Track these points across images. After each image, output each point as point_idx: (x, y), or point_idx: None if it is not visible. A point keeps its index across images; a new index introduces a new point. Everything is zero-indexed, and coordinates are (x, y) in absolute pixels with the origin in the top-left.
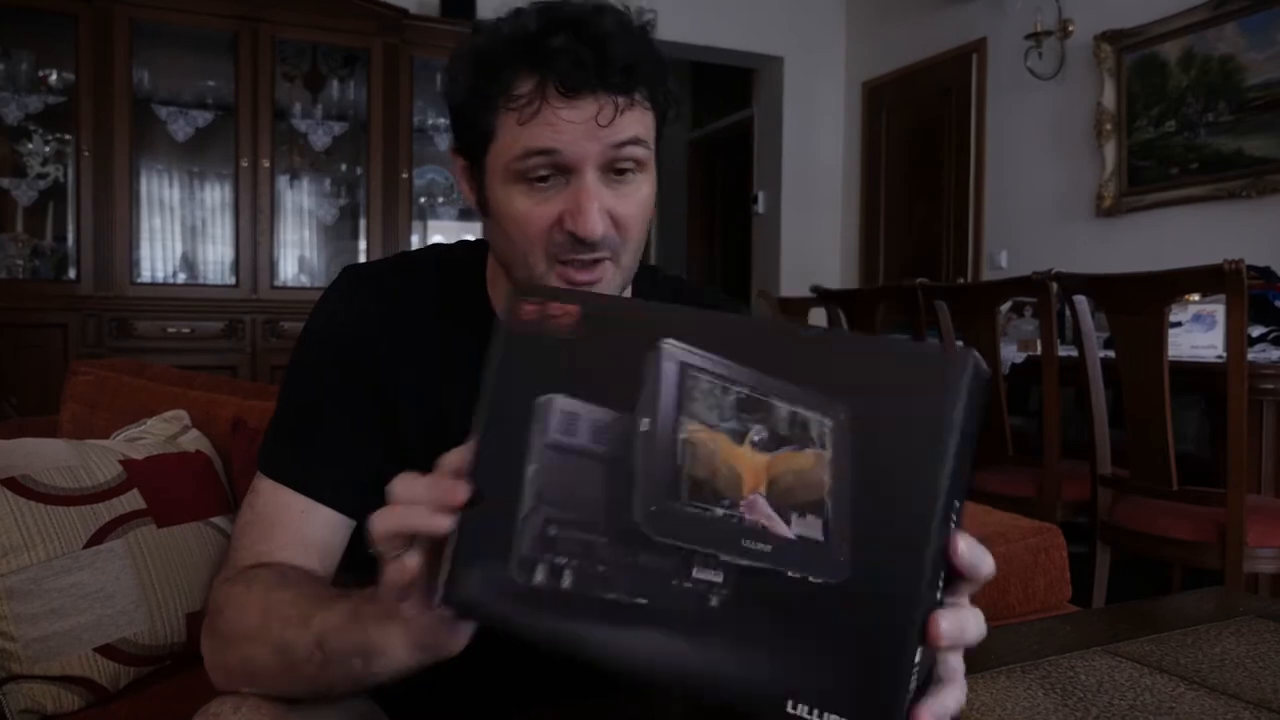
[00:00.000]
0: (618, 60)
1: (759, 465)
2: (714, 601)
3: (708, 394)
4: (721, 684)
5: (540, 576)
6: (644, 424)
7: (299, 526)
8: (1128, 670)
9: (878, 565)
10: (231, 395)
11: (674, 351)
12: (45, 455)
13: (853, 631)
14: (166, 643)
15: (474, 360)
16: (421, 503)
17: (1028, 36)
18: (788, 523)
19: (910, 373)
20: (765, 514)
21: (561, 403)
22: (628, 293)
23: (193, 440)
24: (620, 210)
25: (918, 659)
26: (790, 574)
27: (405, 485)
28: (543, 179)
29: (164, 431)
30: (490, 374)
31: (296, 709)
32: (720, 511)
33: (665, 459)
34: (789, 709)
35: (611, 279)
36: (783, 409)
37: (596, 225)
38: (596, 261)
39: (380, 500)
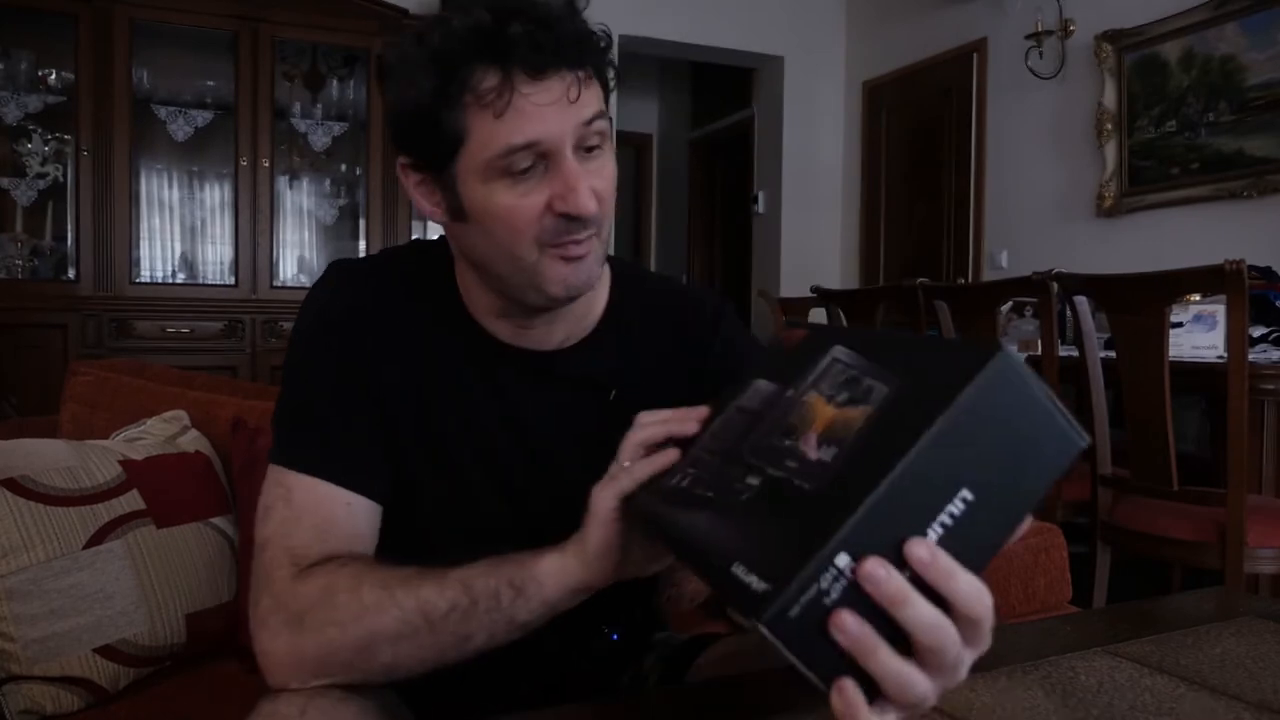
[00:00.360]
0: (570, 37)
1: (828, 415)
2: (745, 496)
3: (835, 376)
4: (711, 552)
5: (674, 480)
6: (789, 393)
7: (347, 520)
8: (1128, 670)
9: (842, 489)
10: (231, 395)
11: (831, 350)
12: (45, 456)
13: (798, 525)
14: (166, 643)
15: (450, 359)
16: (672, 420)
17: (1028, 36)
18: (818, 450)
19: (950, 361)
20: (809, 444)
21: (756, 382)
22: (605, 270)
23: (192, 440)
24: (597, 186)
25: (831, 569)
26: (795, 482)
27: (653, 414)
28: (524, 170)
29: (164, 432)
30: (747, 368)
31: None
32: (787, 442)
33: (783, 412)
34: (732, 569)
35: (598, 252)
36: (865, 381)
37: (590, 202)
38: (588, 238)
39: (393, 486)
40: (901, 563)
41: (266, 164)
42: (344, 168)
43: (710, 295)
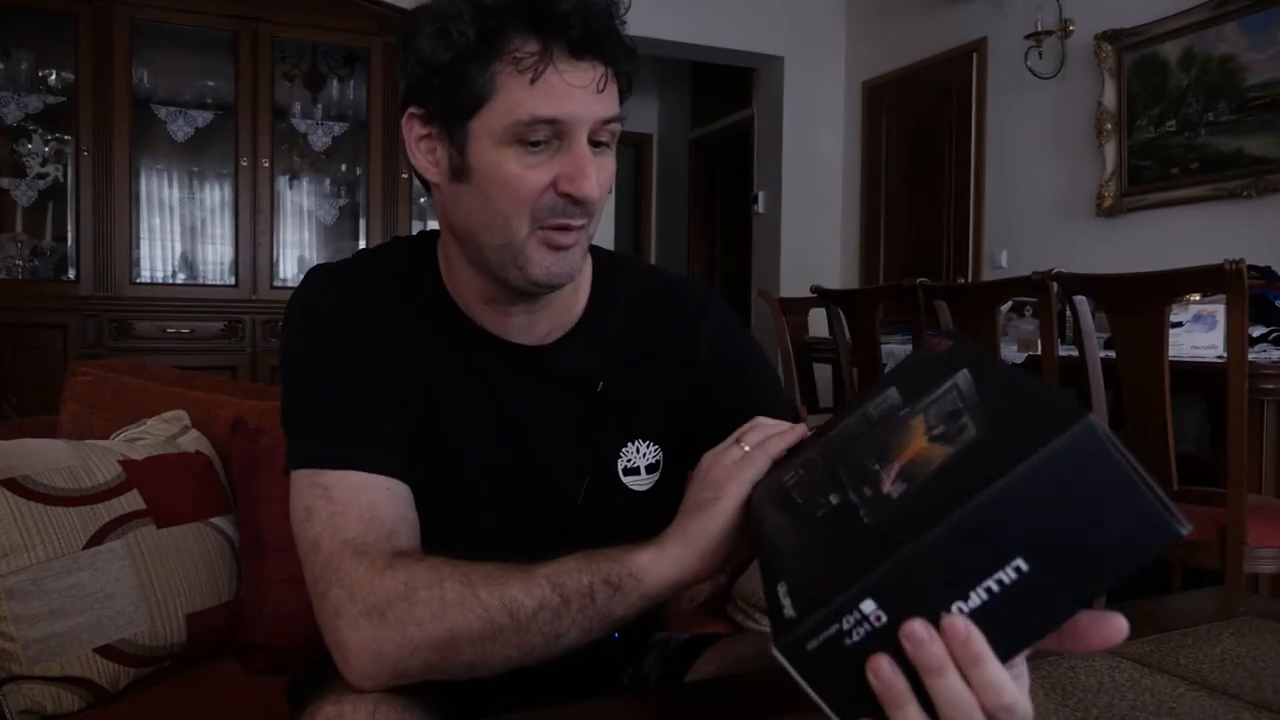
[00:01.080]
0: (611, 31)
1: (918, 446)
2: (821, 513)
3: (944, 405)
4: (771, 562)
5: (784, 476)
6: (904, 410)
7: (392, 504)
8: (1128, 670)
9: (891, 530)
10: (231, 396)
11: (957, 374)
12: (45, 456)
13: (843, 558)
14: (166, 643)
15: (437, 347)
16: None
17: (1028, 36)
18: (893, 482)
19: (1037, 416)
20: (889, 474)
21: (889, 389)
22: (578, 278)
23: (192, 441)
24: (599, 179)
25: (855, 612)
26: (861, 512)
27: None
28: (537, 143)
29: (164, 432)
30: (888, 373)
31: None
32: (875, 466)
33: (889, 431)
34: (776, 587)
35: (583, 245)
36: (963, 418)
37: (595, 188)
38: (580, 227)
39: (413, 466)
40: (937, 620)
41: (266, 164)
42: (344, 168)
43: (697, 284)
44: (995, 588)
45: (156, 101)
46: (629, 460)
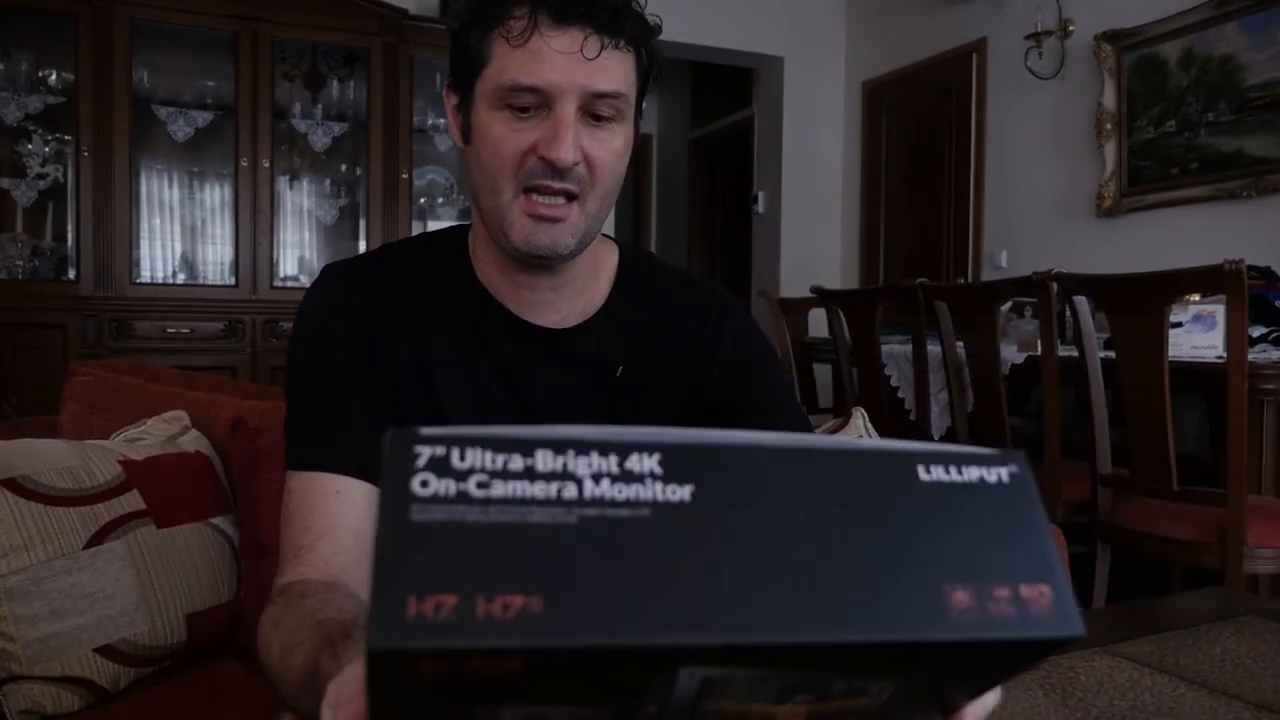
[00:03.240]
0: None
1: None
2: None
3: None
4: None
5: None
6: None
7: (335, 510)
8: (1128, 670)
9: None
10: (231, 396)
11: None
12: (45, 456)
13: None
14: (166, 643)
15: (464, 336)
16: None
17: (1028, 36)
18: None
19: None
20: None
21: None
22: (599, 265)
23: (192, 441)
24: (593, 150)
25: None
26: None
27: None
28: (524, 109)
29: (164, 432)
30: None
31: None
32: None
33: None
34: None
35: (576, 223)
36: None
37: (569, 152)
38: (566, 199)
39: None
40: None
41: (266, 164)
42: (344, 168)
43: (719, 289)
44: None
45: (156, 101)
46: None
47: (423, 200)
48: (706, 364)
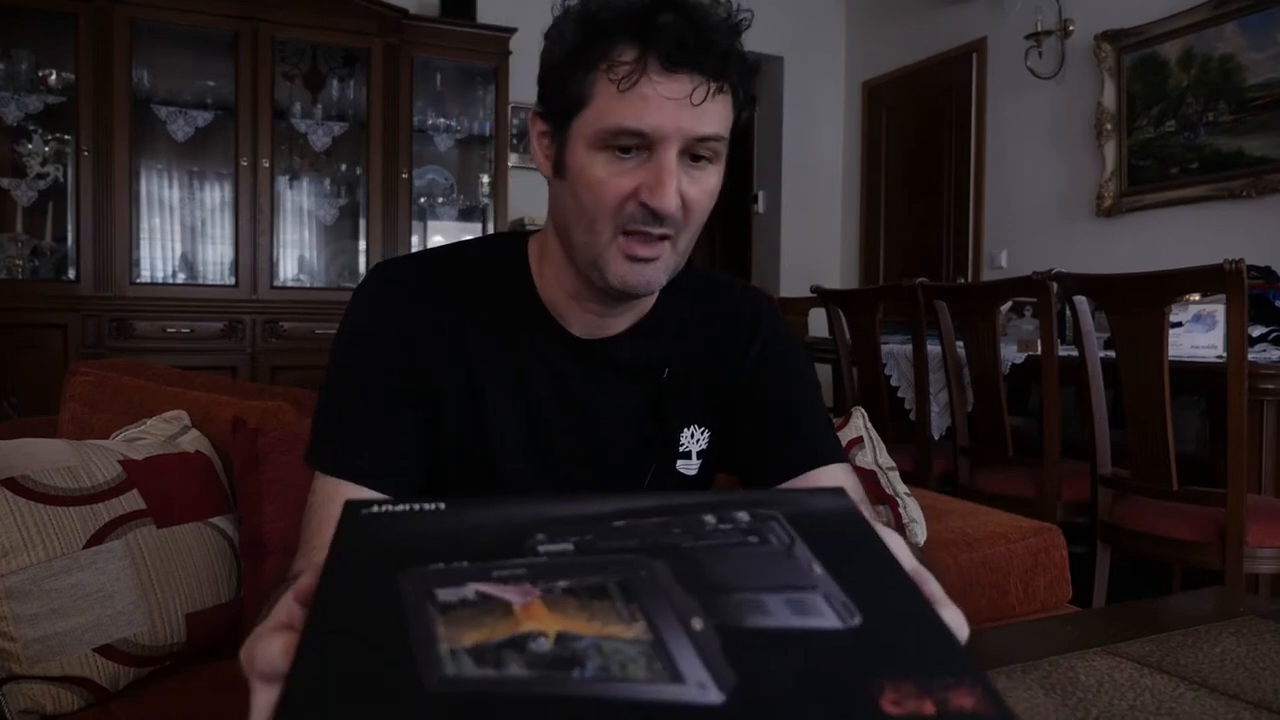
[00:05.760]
0: (716, 45)
1: None
2: None
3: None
4: None
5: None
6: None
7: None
8: (1128, 670)
9: None
10: (231, 395)
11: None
12: (45, 455)
13: None
14: (166, 643)
15: (516, 349)
16: None
17: (1028, 36)
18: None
19: None
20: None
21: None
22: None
23: (192, 440)
24: (690, 193)
25: None
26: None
27: None
28: (625, 150)
29: (164, 432)
30: None
31: None
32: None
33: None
34: None
35: (668, 260)
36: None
37: (673, 201)
38: (661, 239)
39: (437, 471)
40: None
41: (266, 164)
42: (344, 168)
43: (753, 288)
44: None
45: (156, 101)
46: (684, 445)
47: (423, 200)
48: (743, 352)
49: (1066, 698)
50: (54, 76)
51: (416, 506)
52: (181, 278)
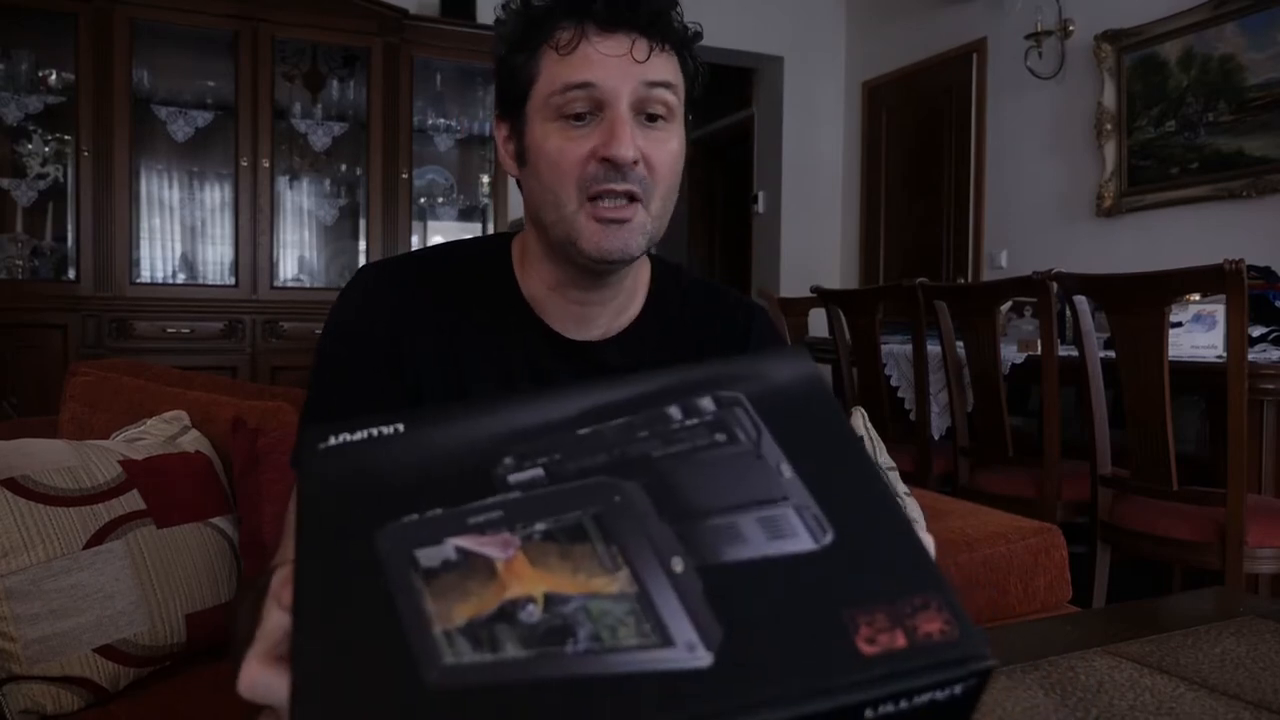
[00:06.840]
0: (649, 5)
1: None
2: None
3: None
4: None
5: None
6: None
7: None
8: (1128, 670)
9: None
10: (231, 395)
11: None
12: (45, 455)
13: None
14: (166, 643)
15: (502, 352)
16: None
17: (1028, 36)
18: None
19: None
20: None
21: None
22: (638, 278)
23: (192, 441)
24: (649, 151)
25: None
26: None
27: None
28: (579, 116)
29: (164, 432)
30: None
31: None
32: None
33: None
34: None
35: (642, 223)
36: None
37: (629, 149)
38: (629, 200)
39: None
40: None
41: (266, 164)
42: (344, 168)
43: (744, 298)
44: None
45: (156, 101)
46: None
47: (423, 200)
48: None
49: (1066, 698)
50: (54, 76)
51: (375, 432)
52: (181, 278)
